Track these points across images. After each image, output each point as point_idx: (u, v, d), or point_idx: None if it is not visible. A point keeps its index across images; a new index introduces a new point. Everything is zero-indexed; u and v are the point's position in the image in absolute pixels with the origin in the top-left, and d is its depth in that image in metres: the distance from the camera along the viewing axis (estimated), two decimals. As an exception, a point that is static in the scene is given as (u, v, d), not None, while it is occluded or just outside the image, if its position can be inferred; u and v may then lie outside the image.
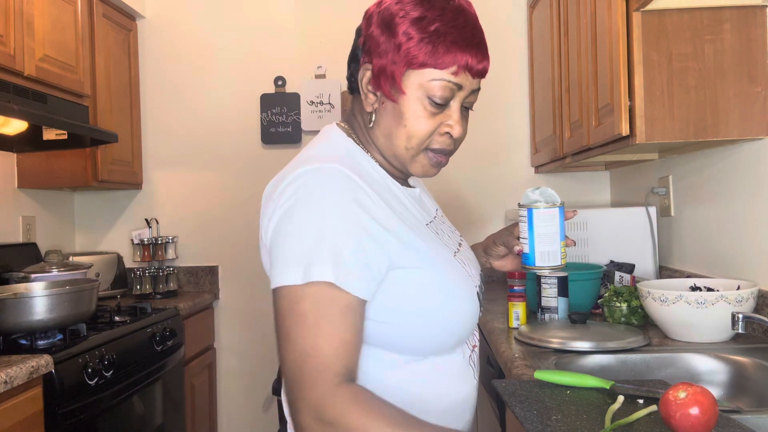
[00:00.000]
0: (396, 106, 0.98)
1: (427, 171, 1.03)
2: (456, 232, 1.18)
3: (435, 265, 0.98)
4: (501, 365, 1.66)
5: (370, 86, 1.01)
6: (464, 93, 0.99)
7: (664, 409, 0.97)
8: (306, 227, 0.89)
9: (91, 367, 1.91)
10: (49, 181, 2.75)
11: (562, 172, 3.01)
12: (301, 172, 0.93)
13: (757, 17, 1.65)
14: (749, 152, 1.77)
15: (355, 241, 0.89)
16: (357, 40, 1.04)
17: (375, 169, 1.02)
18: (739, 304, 1.54)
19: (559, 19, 2.38)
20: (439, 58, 0.94)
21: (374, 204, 0.93)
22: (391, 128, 0.99)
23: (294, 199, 0.91)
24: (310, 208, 0.90)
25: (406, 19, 0.95)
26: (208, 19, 3.15)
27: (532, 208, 1.09)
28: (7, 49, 2.12)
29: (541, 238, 1.08)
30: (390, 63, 0.97)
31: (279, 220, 0.92)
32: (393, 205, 0.98)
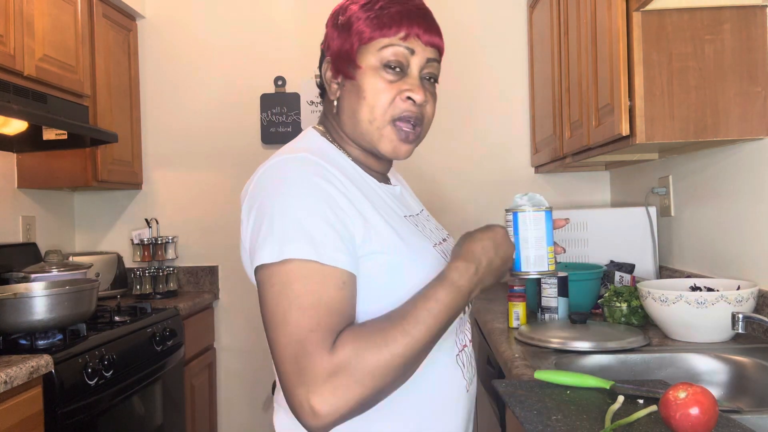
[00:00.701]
0: (355, 83, 1.01)
1: (397, 148, 1.03)
2: (442, 231, 1.19)
3: (408, 253, 0.99)
4: (501, 365, 1.66)
5: (331, 74, 1.05)
6: (419, 59, 1.01)
7: (664, 409, 0.97)
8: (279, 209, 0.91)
9: (91, 367, 1.91)
10: (49, 181, 2.75)
11: (562, 172, 3.01)
12: (269, 165, 0.97)
13: (757, 17, 1.65)
14: (749, 152, 1.77)
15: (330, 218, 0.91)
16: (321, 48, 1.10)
17: (350, 165, 1.04)
18: (739, 304, 1.54)
19: (559, 19, 2.38)
20: (385, 27, 0.99)
21: (344, 187, 0.95)
22: (353, 106, 1.02)
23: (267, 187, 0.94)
24: (281, 194, 0.92)
25: (354, 5, 1.02)
26: (208, 19, 3.16)
27: (518, 212, 1.08)
28: (7, 49, 2.12)
29: (526, 243, 1.06)
30: (343, 44, 1.02)
31: (257, 206, 0.94)
32: (367, 194, 1.00)
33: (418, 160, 3.10)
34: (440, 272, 0.94)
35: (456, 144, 3.10)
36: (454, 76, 3.10)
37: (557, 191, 3.08)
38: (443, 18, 3.37)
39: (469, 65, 3.09)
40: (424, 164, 3.10)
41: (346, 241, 0.91)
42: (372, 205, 0.99)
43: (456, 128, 3.10)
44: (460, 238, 1.02)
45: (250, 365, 3.12)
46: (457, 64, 3.10)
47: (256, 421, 3.15)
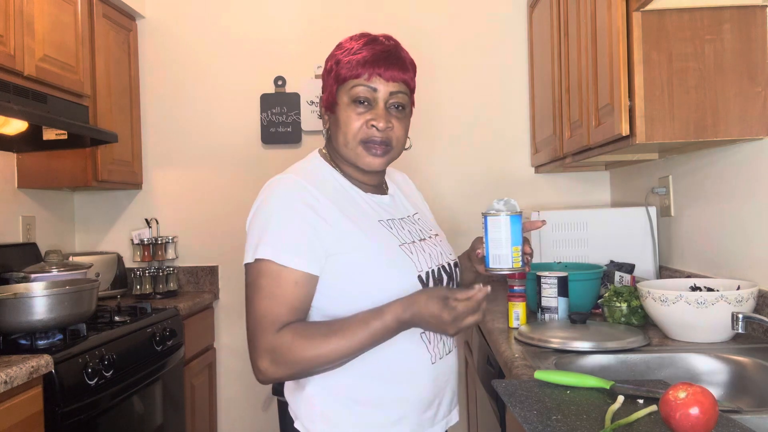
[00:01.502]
0: (335, 116, 1.29)
1: (371, 162, 1.28)
2: (427, 231, 1.39)
3: (368, 249, 1.22)
4: (501, 365, 1.66)
5: (323, 109, 1.34)
6: (382, 94, 1.27)
7: (664, 409, 0.97)
8: (262, 221, 1.21)
9: (91, 367, 1.91)
10: (49, 181, 2.75)
11: (562, 172, 3.01)
12: (267, 184, 1.27)
13: (757, 17, 1.65)
14: (749, 152, 1.77)
15: (297, 229, 1.19)
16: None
17: (336, 179, 1.30)
18: (739, 304, 1.54)
19: (559, 19, 2.38)
20: (354, 71, 1.26)
21: (318, 203, 1.22)
22: (336, 134, 1.29)
23: (258, 204, 1.24)
24: (266, 209, 1.22)
25: (334, 56, 1.31)
26: (208, 18, 3.15)
27: (488, 215, 1.27)
28: (7, 49, 2.12)
29: (493, 243, 1.25)
30: (328, 86, 1.31)
31: (250, 219, 1.25)
32: (342, 204, 1.25)
33: (418, 160, 3.10)
34: (382, 307, 1.17)
35: (456, 144, 3.10)
36: (454, 76, 3.10)
37: (557, 191, 3.08)
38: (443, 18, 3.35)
39: (469, 65, 3.09)
40: (424, 164, 3.10)
41: (310, 248, 1.18)
42: (345, 214, 1.23)
43: (456, 128, 3.10)
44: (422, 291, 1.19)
45: (250, 365, 3.11)
46: (457, 64, 3.10)
47: (256, 421, 3.15)
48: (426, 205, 1.54)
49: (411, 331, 1.22)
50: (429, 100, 3.10)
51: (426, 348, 1.27)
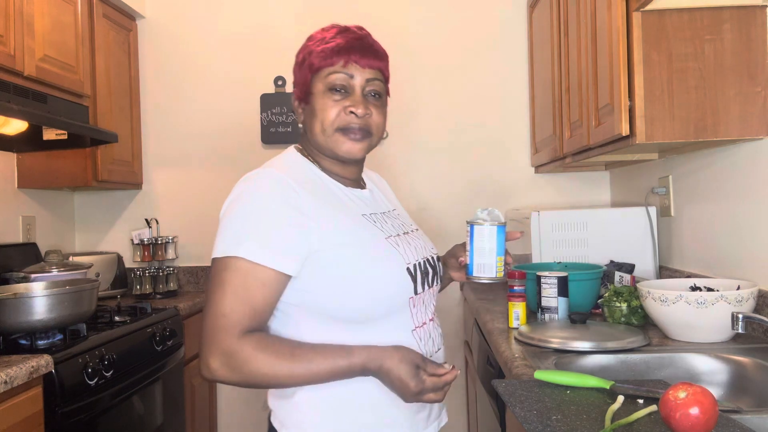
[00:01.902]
0: (310, 106, 1.26)
1: (351, 149, 1.25)
2: (408, 225, 1.37)
3: (356, 243, 1.19)
4: (501, 365, 1.66)
5: (296, 102, 1.31)
6: (359, 80, 1.24)
7: (664, 409, 0.97)
8: (236, 216, 1.15)
9: (91, 367, 1.91)
10: (49, 181, 2.75)
11: (562, 172, 3.01)
12: (243, 178, 1.21)
13: (757, 17, 1.65)
14: (749, 152, 1.77)
15: (272, 227, 1.13)
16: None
17: (316, 174, 1.27)
18: (739, 304, 1.54)
19: (559, 19, 2.38)
20: (328, 59, 1.23)
21: (299, 197, 1.16)
22: (312, 124, 1.26)
23: (233, 198, 1.18)
24: (241, 203, 1.16)
25: (306, 47, 1.29)
26: (208, 18, 3.16)
27: (474, 224, 1.27)
28: (7, 49, 2.12)
29: (478, 252, 1.27)
30: (300, 77, 1.28)
31: (223, 212, 1.19)
32: (324, 198, 1.21)
33: (419, 160, 3.10)
34: (352, 347, 1.14)
35: (456, 144, 3.10)
36: (454, 76, 3.10)
37: (557, 191, 3.08)
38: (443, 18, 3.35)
39: (470, 65, 3.10)
40: (424, 164, 3.10)
41: (286, 246, 1.13)
42: (329, 209, 1.20)
43: (456, 128, 3.10)
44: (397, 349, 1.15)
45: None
46: (457, 64, 3.10)
47: (256, 421, 3.15)
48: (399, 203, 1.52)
49: (403, 328, 1.22)
50: (429, 100, 3.10)
51: (418, 346, 1.24)
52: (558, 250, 2.43)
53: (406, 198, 3.08)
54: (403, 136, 3.09)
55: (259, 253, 1.11)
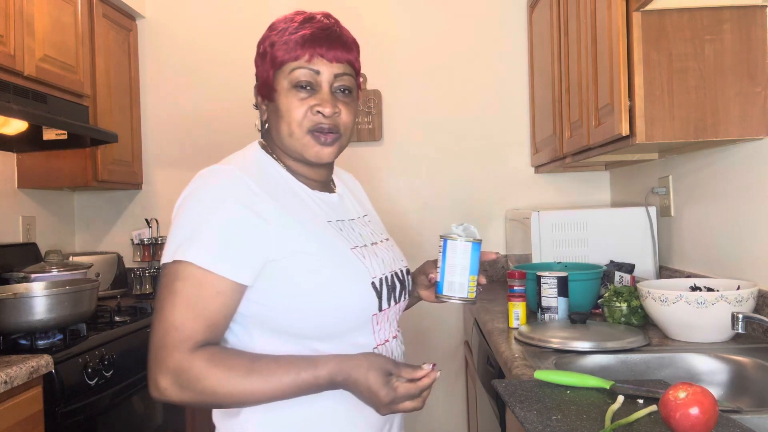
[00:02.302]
0: (274, 104, 1.15)
1: (319, 153, 1.14)
2: (378, 235, 1.27)
3: (318, 253, 1.08)
4: (501, 365, 1.66)
5: (259, 99, 1.20)
6: (327, 76, 1.13)
7: (664, 409, 0.97)
8: (188, 217, 1.04)
9: (91, 367, 1.91)
10: (49, 181, 2.75)
11: (562, 172, 3.01)
12: (199, 174, 1.11)
13: (757, 17, 1.65)
14: (749, 152, 1.77)
15: (227, 231, 1.02)
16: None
17: (279, 173, 1.16)
18: (739, 304, 1.54)
19: (559, 19, 2.38)
20: (292, 52, 1.12)
21: (258, 200, 1.05)
22: (277, 125, 1.15)
23: (186, 195, 1.08)
24: (195, 202, 1.06)
25: (268, 38, 1.18)
26: (208, 19, 3.15)
27: (447, 239, 1.17)
28: (7, 49, 2.12)
29: (450, 269, 1.16)
30: (263, 72, 1.17)
31: (175, 211, 1.08)
32: (287, 202, 1.10)
33: (419, 160, 3.10)
34: (317, 358, 1.02)
35: (456, 144, 3.10)
36: (454, 76, 3.10)
37: (557, 191, 3.08)
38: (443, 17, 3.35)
39: (469, 65, 3.09)
40: (424, 164, 3.10)
41: (242, 252, 1.02)
42: (290, 213, 1.09)
43: (456, 128, 3.10)
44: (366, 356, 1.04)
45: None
46: (457, 64, 3.10)
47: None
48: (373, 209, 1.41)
49: (363, 346, 1.10)
50: (429, 100, 3.10)
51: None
52: (558, 250, 2.43)
53: (406, 199, 3.09)
54: (402, 136, 3.09)
55: (209, 259, 1.00)
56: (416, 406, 1.03)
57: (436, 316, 3.06)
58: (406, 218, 3.08)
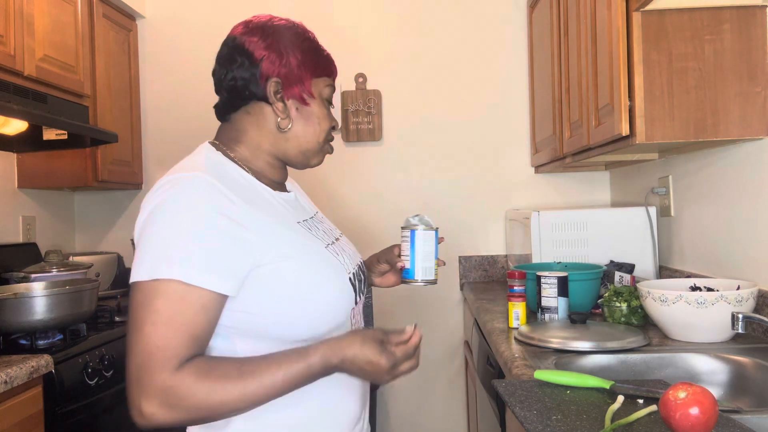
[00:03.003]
0: (309, 109, 1.15)
1: (321, 160, 1.22)
2: (335, 231, 1.29)
3: (301, 255, 1.07)
4: (501, 365, 1.66)
5: (282, 94, 1.14)
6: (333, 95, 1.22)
7: (664, 409, 0.97)
8: (163, 230, 0.98)
9: (91, 367, 1.91)
10: (49, 181, 2.75)
11: (562, 172, 3.01)
12: (165, 180, 1.03)
13: (757, 17, 1.65)
14: (749, 152, 1.77)
15: (209, 243, 0.97)
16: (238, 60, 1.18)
17: (242, 176, 1.11)
18: (739, 304, 1.54)
19: (559, 19, 2.38)
20: (330, 67, 1.19)
21: (235, 207, 1.01)
22: (306, 129, 1.15)
23: (156, 205, 1.00)
24: (168, 213, 0.98)
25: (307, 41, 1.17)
26: (209, 19, 3.16)
27: (415, 230, 1.29)
28: (7, 49, 2.12)
29: (420, 255, 1.29)
30: (296, 72, 1.13)
31: (143, 223, 1.01)
32: (259, 206, 1.07)
33: (419, 160, 3.10)
34: (307, 347, 1.00)
35: (456, 144, 3.10)
36: (454, 77, 3.10)
37: (557, 191, 3.08)
38: (443, 17, 3.34)
39: (469, 65, 3.09)
40: (424, 164, 3.10)
41: (225, 263, 0.98)
42: (266, 218, 1.06)
43: (456, 128, 3.10)
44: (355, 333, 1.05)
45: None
46: (457, 64, 3.10)
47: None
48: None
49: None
50: (429, 100, 3.10)
51: None
52: (558, 250, 2.43)
53: (407, 198, 3.09)
54: (402, 136, 3.09)
55: (195, 273, 0.95)
56: (413, 365, 1.06)
57: (436, 316, 3.07)
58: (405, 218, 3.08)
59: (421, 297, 3.04)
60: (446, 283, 3.08)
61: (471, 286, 2.94)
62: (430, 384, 3.11)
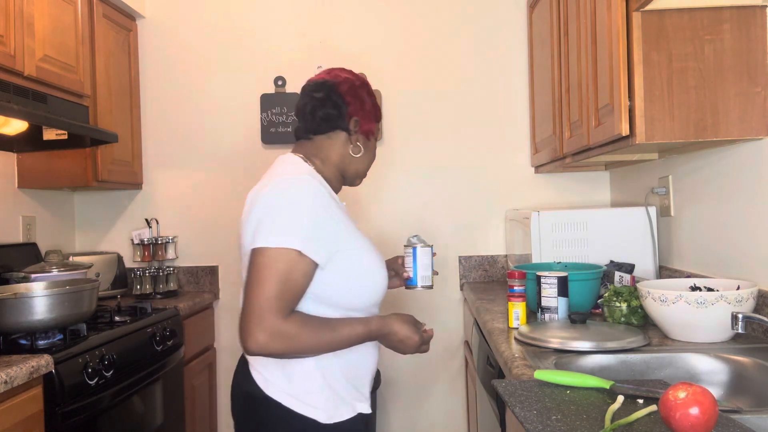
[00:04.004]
0: (369, 143, 1.58)
1: (360, 183, 1.63)
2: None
3: (363, 247, 1.45)
4: (501, 365, 1.66)
5: (356, 130, 1.54)
6: None
7: (664, 409, 0.97)
8: (287, 211, 1.33)
9: (91, 367, 1.91)
10: (49, 181, 2.75)
11: (562, 172, 3.01)
12: (282, 179, 1.38)
13: (757, 17, 1.65)
14: (749, 152, 1.77)
15: (318, 226, 1.34)
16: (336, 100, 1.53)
17: (324, 185, 1.45)
18: (739, 304, 1.54)
19: (559, 19, 2.38)
20: (379, 115, 1.59)
21: (331, 203, 1.40)
22: (367, 158, 1.58)
23: (278, 194, 1.35)
24: (291, 199, 1.35)
25: (374, 94, 1.60)
26: (208, 18, 3.16)
27: (416, 247, 1.66)
28: (7, 49, 2.13)
29: (421, 267, 1.65)
30: (370, 117, 1.56)
31: (267, 207, 1.34)
32: (339, 207, 1.45)
33: (419, 160, 3.10)
34: (366, 318, 1.43)
35: (456, 144, 3.10)
36: (454, 77, 3.10)
37: (557, 191, 3.08)
38: (443, 17, 3.35)
39: (469, 65, 3.10)
40: (425, 164, 3.10)
41: (324, 242, 1.34)
42: (343, 215, 1.43)
43: (456, 129, 3.10)
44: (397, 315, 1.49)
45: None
46: (457, 64, 3.10)
47: (256, 421, 3.14)
48: None
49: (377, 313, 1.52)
50: (429, 100, 3.11)
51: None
52: (558, 250, 2.43)
53: (407, 198, 3.09)
54: (402, 136, 3.09)
55: (308, 247, 1.31)
56: (427, 349, 1.51)
57: (436, 316, 3.07)
58: (406, 218, 3.09)
59: (422, 297, 3.04)
60: (446, 283, 3.09)
61: (471, 286, 2.95)
62: (430, 384, 3.11)
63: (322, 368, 1.40)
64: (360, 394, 1.47)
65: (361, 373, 1.48)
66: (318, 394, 1.39)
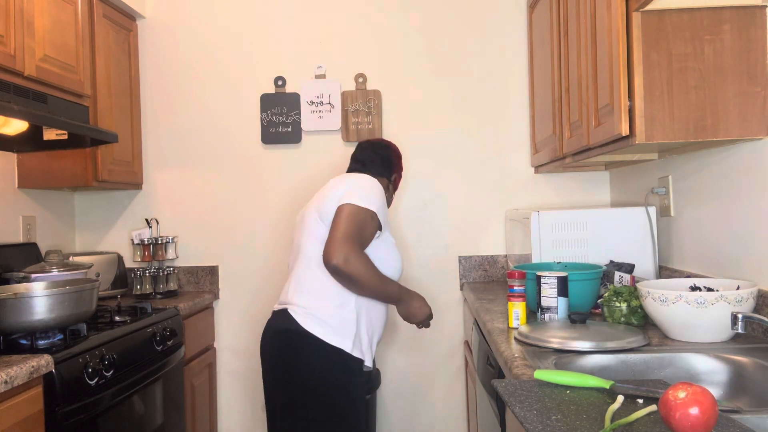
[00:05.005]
0: (395, 190, 2.35)
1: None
2: None
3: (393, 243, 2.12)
4: (501, 365, 1.66)
5: (393, 180, 2.30)
6: None
7: (664, 409, 0.97)
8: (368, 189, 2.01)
9: (91, 367, 1.91)
10: (49, 181, 2.75)
11: (562, 172, 3.01)
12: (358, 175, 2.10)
13: (757, 17, 1.65)
14: (749, 152, 1.77)
15: (383, 207, 2.04)
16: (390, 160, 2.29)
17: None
18: (739, 304, 1.54)
19: (559, 19, 2.38)
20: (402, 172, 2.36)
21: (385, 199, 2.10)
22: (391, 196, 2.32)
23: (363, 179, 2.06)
24: (371, 185, 2.04)
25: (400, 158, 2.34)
26: (208, 19, 3.16)
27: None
28: (7, 49, 2.13)
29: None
30: (399, 174, 2.33)
31: (355, 184, 2.02)
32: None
33: (419, 160, 3.10)
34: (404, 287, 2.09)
35: (456, 144, 3.10)
36: (454, 77, 3.10)
37: (557, 191, 3.08)
38: (443, 17, 3.36)
39: (469, 65, 3.10)
40: (425, 164, 3.10)
41: (383, 218, 2.03)
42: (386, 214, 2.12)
43: (456, 128, 3.10)
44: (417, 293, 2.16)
45: (250, 365, 3.12)
46: (457, 64, 3.10)
47: (256, 421, 3.15)
48: None
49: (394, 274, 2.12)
50: (429, 100, 3.11)
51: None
52: (558, 250, 2.43)
53: (408, 198, 3.09)
54: (402, 136, 3.09)
55: (378, 214, 1.99)
56: (429, 325, 2.20)
57: (436, 315, 3.06)
58: (406, 218, 3.09)
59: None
60: (446, 283, 3.09)
61: (471, 286, 2.95)
62: (430, 384, 3.11)
63: (356, 311, 1.98)
64: (370, 347, 2.04)
65: (376, 329, 2.07)
66: (348, 332, 1.95)
